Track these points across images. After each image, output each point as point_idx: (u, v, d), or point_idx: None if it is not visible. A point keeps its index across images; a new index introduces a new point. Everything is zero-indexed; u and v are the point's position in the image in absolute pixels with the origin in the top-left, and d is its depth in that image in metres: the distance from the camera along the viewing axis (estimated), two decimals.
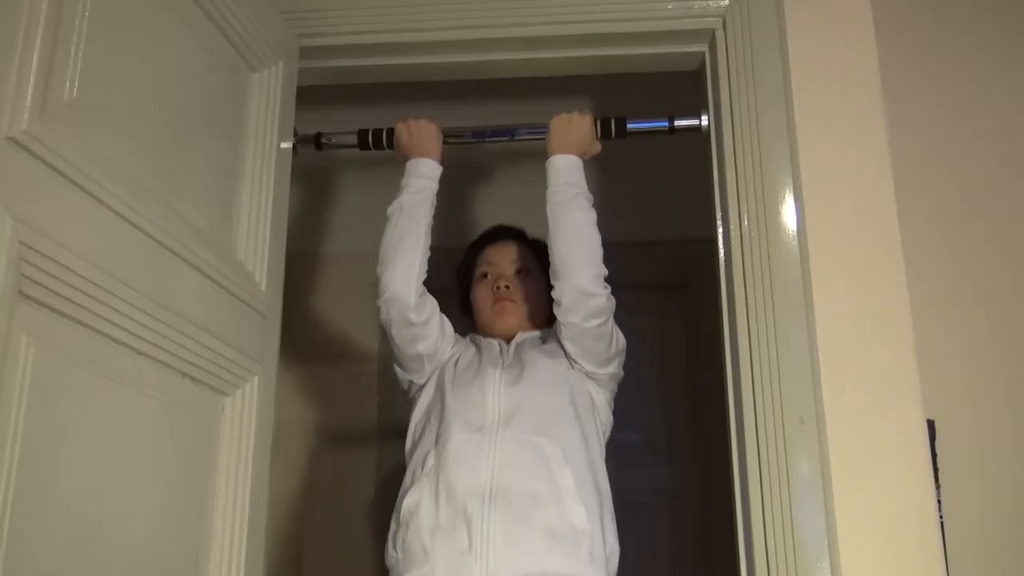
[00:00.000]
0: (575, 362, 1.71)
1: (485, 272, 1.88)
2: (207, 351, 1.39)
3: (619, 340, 1.73)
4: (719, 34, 1.77)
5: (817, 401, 1.55)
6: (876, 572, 1.48)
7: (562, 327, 1.68)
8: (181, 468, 1.37)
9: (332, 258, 2.98)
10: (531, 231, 1.93)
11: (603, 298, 1.65)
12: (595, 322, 1.66)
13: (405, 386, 1.80)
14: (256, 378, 1.56)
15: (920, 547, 1.48)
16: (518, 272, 1.86)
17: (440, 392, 1.69)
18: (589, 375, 1.72)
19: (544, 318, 1.85)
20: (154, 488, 1.28)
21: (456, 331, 1.84)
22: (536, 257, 1.87)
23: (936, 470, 1.63)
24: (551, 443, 1.57)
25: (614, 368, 1.75)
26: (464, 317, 1.94)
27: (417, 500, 1.56)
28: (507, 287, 1.83)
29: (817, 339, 1.58)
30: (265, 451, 1.58)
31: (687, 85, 1.91)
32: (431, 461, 1.59)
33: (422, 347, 1.71)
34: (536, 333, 1.82)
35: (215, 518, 1.44)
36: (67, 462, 1.08)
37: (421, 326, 1.69)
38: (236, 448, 1.49)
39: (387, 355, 1.71)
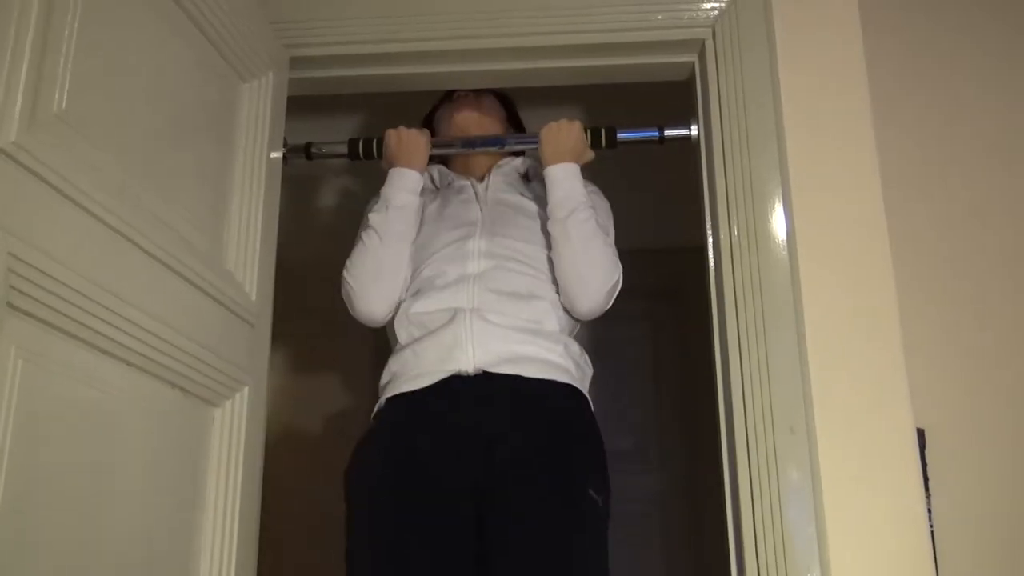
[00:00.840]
0: None
1: (450, 96, 1.94)
2: (197, 362, 1.39)
3: None
4: (708, 44, 1.78)
5: (807, 410, 1.55)
6: None
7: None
8: (171, 479, 1.36)
9: (322, 267, 2.97)
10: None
11: (613, 296, 1.70)
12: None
13: None
14: (246, 388, 1.55)
15: (910, 556, 1.48)
16: (480, 94, 1.93)
17: (417, 252, 1.72)
18: None
19: (504, 119, 1.95)
20: (144, 499, 1.28)
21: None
22: (500, 102, 1.95)
23: (926, 479, 1.64)
24: (529, 287, 1.65)
25: None
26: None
27: (407, 331, 1.65)
28: (468, 98, 1.90)
29: (807, 348, 1.58)
30: (256, 462, 1.58)
31: (677, 95, 1.92)
32: (417, 306, 1.65)
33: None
34: (515, 162, 1.89)
35: (205, 530, 1.44)
36: (56, 473, 1.07)
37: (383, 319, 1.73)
38: (226, 459, 1.49)
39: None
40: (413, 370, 1.60)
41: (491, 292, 1.62)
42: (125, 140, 1.25)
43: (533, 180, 1.85)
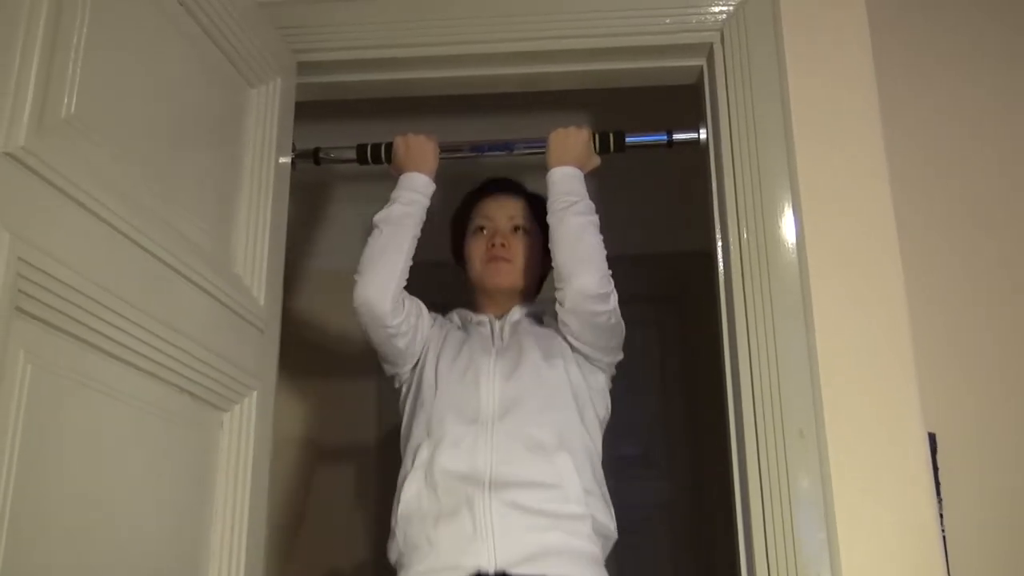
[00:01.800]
0: (575, 348, 1.70)
1: (481, 226, 1.85)
2: (205, 366, 1.39)
3: (621, 329, 1.72)
4: (717, 48, 1.78)
5: (817, 415, 1.54)
6: None
7: (564, 325, 1.68)
8: (179, 484, 1.36)
9: (331, 273, 2.97)
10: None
11: (606, 302, 1.64)
12: (598, 321, 1.66)
13: (392, 376, 1.79)
14: (255, 393, 1.55)
15: (922, 561, 1.47)
16: (515, 229, 1.84)
17: (430, 380, 1.67)
18: (588, 358, 1.71)
19: (538, 278, 1.86)
20: (152, 504, 1.28)
21: (443, 299, 1.82)
22: (534, 213, 1.84)
23: (938, 484, 1.62)
24: (549, 433, 1.58)
25: (613, 356, 1.75)
26: (455, 264, 1.93)
27: (416, 492, 1.57)
28: (503, 245, 1.81)
29: (817, 352, 1.58)
30: (264, 466, 1.57)
31: (685, 99, 1.91)
32: (424, 453, 1.59)
33: (400, 343, 1.70)
34: (530, 309, 1.81)
35: (213, 534, 1.44)
36: (64, 478, 1.07)
37: (397, 326, 1.67)
38: (235, 464, 1.49)
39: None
40: (429, 562, 1.52)
41: (509, 445, 1.56)
42: (133, 144, 1.25)
43: (545, 319, 1.80)
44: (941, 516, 1.58)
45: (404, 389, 1.76)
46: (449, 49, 1.83)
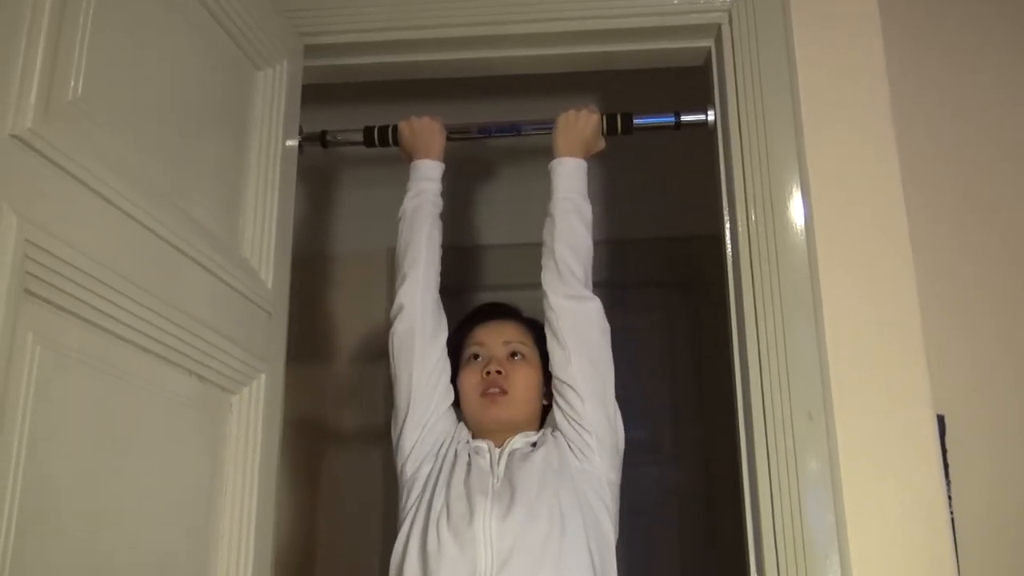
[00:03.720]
0: (576, 430, 1.59)
1: (476, 353, 1.70)
2: (214, 349, 1.39)
3: (620, 426, 1.63)
4: (725, 29, 1.77)
5: (826, 397, 1.54)
6: (886, 568, 1.47)
7: (549, 318, 1.62)
8: (188, 466, 1.36)
9: (338, 257, 2.98)
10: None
11: (591, 303, 1.62)
12: (597, 333, 1.62)
13: (398, 467, 1.66)
14: (263, 376, 1.56)
15: (930, 543, 1.47)
16: (512, 356, 1.69)
17: (427, 520, 1.52)
18: (591, 449, 1.58)
19: (540, 406, 1.71)
20: (161, 486, 1.28)
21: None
22: (532, 336, 1.73)
23: (946, 465, 1.62)
24: (551, 551, 1.46)
25: (618, 424, 1.63)
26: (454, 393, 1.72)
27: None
28: (498, 372, 1.65)
29: (825, 334, 1.57)
30: (272, 449, 1.58)
31: (693, 80, 1.90)
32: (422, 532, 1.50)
33: (418, 369, 1.62)
34: (527, 436, 1.64)
35: (223, 516, 1.44)
36: (73, 459, 1.08)
37: (424, 342, 1.63)
38: (243, 446, 1.49)
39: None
40: None
41: None
42: (140, 127, 1.25)
43: (545, 443, 1.63)
44: (949, 498, 1.58)
45: (405, 498, 1.62)
46: (456, 31, 1.82)
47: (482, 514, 1.49)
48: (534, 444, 1.62)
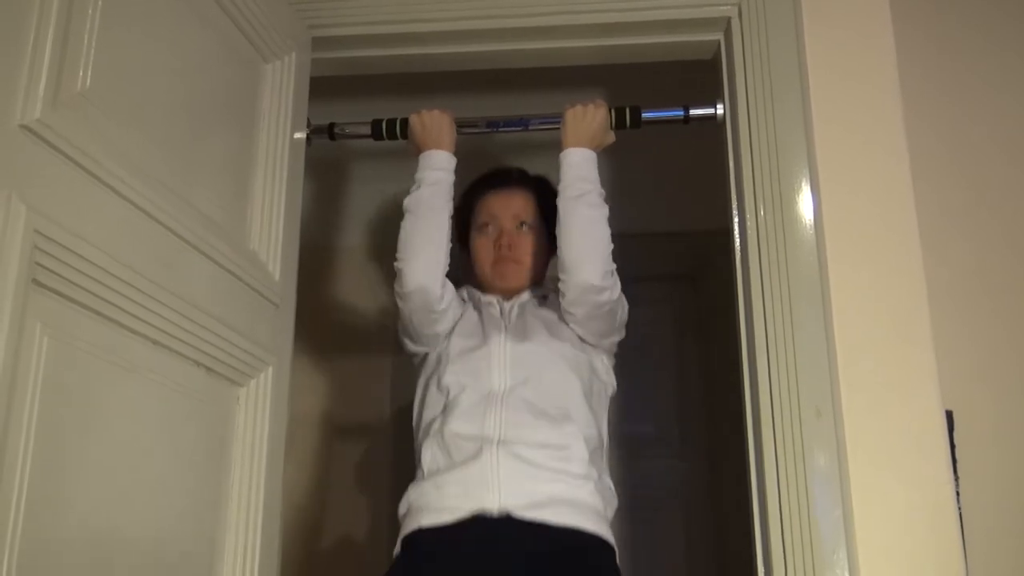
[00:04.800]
0: (577, 334, 1.72)
1: (486, 223, 1.85)
2: (221, 341, 1.39)
3: (623, 313, 1.75)
4: (734, 22, 1.76)
5: (834, 392, 1.54)
6: (893, 563, 1.47)
7: (566, 313, 1.69)
8: (195, 457, 1.37)
9: (345, 250, 2.98)
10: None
11: (608, 293, 1.65)
12: (600, 311, 1.67)
13: (411, 354, 1.81)
14: (270, 368, 1.56)
15: (938, 538, 1.47)
16: (520, 226, 1.83)
17: (444, 359, 1.70)
18: (591, 344, 1.73)
19: (545, 265, 1.86)
20: (168, 476, 1.28)
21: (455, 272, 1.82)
22: (540, 205, 1.84)
23: (954, 461, 1.62)
24: (555, 407, 1.61)
25: (616, 337, 1.78)
26: (460, 252, 1.88)
27: (431, 456, 1.61)
28: (510, 246, 1.81)
29: (834, 330, 1.57)
30: (279, 441, 1.58)
31: (702, 74, 1.90)
32: (437, 423, 1.62)
33: (440, 327, 1.72)
34: (537, 291, 1.82)
35: (230, 507, 1.45)
36: (81, 449, 1.08)
37: (442, 312, 1.70)
38: (250, 438, 1.50)
39: (401, 346, 1.71)
40: (435, 504, 1.56)
41: (518, 413, 1.59)
42: (148, 119, 1.25)
43: (550, 298, 1.80)
44: (957, 494, 1.57)
45: (422, 364, 1.78)
46: (464, 24, 1.82)
47: (497, 344, 1.67)
48: (544, 297, 1.81)
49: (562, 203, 1.68)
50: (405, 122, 1.84)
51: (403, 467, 1.68)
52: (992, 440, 1.71)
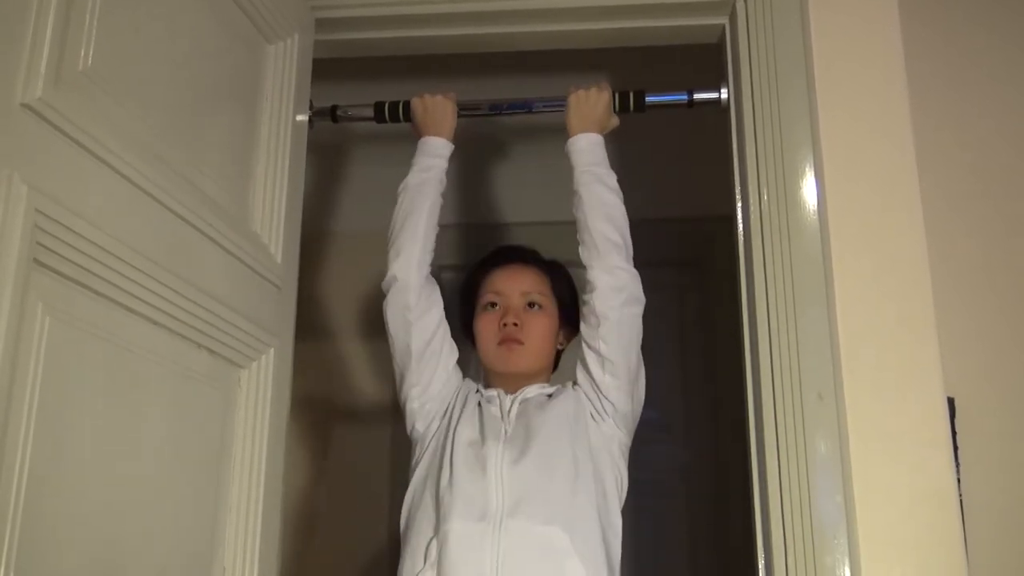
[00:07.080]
0: (596, 395, 1.62)
1: (492, 301, 1.73)
2: (223, 323, 1.39)
3: (639, 332, 1.65)
4: (739, 6, 1.75)
5: (836, 378, 1.54)
6: (894, 550, 1.47)
7: (593, 340, 1.61)
8: (197, 439, 1.37)
9: (348, 234, 2.98)
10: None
11: (636, 281, 1.63)
12: (629, 312, 1.62)
13: (408, 427, 1.70)
14: (272, 350, 1.56)
15: (939, 525, 1.47)
16: (529, 306, 1.72)
17: (440, 462, 1.57)
18: (607, 414, 1.61)
19: (555, 354, 1.76)
20: (169, 458, 1.28)
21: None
22: (549, 283, 1.76)
23: (956, 448, 1.62)
24: (560, 532, 1.47)
25: (638, 395, 1.65)
26: (464, 339, 1.78)
27: (421, 535, 1.52)
28: (515, 325, 1.69)
29: (836, 315, 1.57)
30: (281, 423, 1.58)
31: (706, 58, 1.89)
32: (433, 553, 1.49)
33: (415, 342, 1.63)
34: (543, 388, 1.68)
35: (231, 490, 1.45)
36: (83, 430, 1.08)
37: (419, 315, 1.63)
38: (252, 420, 1.50)
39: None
40: None
41: (517, 553, 1.45)
42: (150, 99, 1.24)
43: (556, 395, 1.67)
44: (958, 481, 1.57)
45: (418, 452, 1.66)
46: (468, 5, 1.81)
47: (495, 457, 1.53)
48: (550, 395, 1.66)
49: (580, 187, 1.67)
50: (408, 105, 1.83)
51: (401, 458, 1.66)
52: (994, 427, 1.70)
